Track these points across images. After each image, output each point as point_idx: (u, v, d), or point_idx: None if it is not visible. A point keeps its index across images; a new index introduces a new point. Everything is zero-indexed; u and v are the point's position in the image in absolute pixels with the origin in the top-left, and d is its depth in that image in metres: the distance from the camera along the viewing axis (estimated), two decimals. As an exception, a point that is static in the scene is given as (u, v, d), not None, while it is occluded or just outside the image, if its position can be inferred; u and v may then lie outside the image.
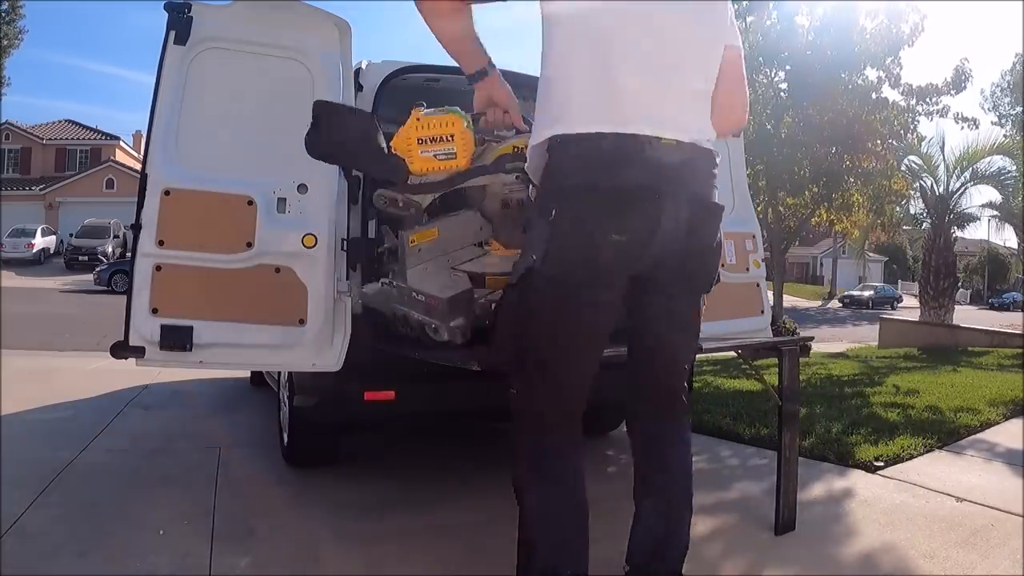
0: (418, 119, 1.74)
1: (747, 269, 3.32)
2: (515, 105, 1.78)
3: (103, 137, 33.37)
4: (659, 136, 1.42)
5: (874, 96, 8.29)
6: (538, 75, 1.55)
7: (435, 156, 1.72)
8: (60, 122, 34.37)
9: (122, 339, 2.29)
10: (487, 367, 1.71)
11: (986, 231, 20.33)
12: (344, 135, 1.89)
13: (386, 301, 1.98)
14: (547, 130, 1.48)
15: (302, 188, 2.40)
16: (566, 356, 1.55)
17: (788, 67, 8.41)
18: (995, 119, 25.48)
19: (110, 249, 23.55)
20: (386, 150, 1.81)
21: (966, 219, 13.31)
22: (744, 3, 8.20)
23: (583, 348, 1.56)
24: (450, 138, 1.71)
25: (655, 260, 1.50)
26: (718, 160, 1.56)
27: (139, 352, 2.29)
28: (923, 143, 11.50)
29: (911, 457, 3.37)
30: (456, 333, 1.75)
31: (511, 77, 3.32)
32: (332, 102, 2.06)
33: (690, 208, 1.48)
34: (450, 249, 1.99)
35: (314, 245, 2.38)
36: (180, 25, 2.34)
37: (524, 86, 3.42)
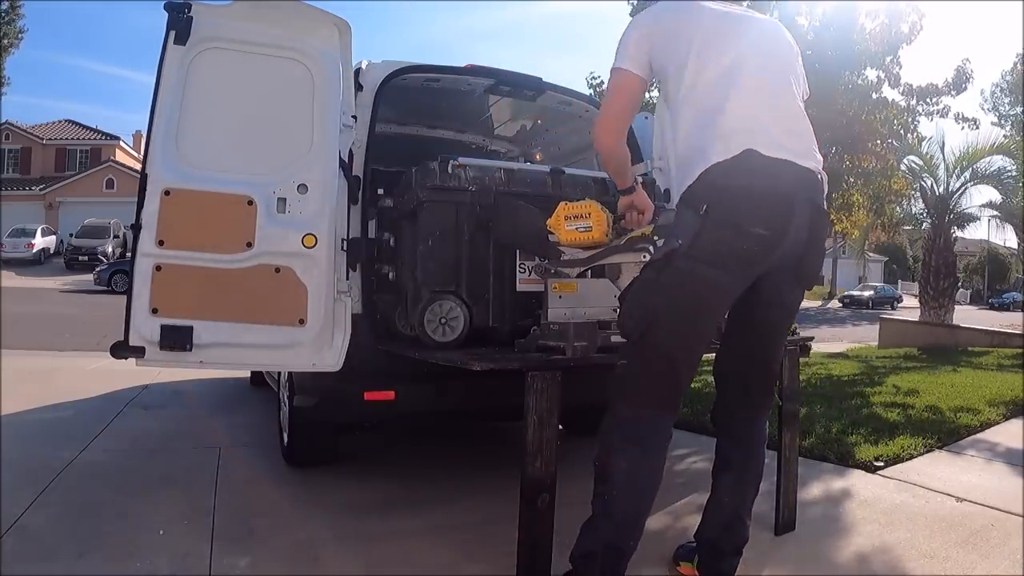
0: (565, 205, 2.26)
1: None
2: (651, 208, 2.19)
3: (103, 137, 33.34)
4: (793, 160, 1.74)
5: (874, 96, 8.27)
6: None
7: (576, 229, 2.21)
8: (60, 122, 34.34)
9: (122, 339, 2.29)
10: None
11: (986, 231, 20.31)
12: (519, 225, 2.48)
13: (533, 340, 2.32)
14: (708, 160, 1.72)
15: (302, 188, 2.40)
16: (686, 334, 1.72)
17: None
18: (995, 119, 25.45)
19: (110, 249, 23.52)
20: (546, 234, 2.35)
21: (966, 219, 13.26)
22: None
23: (703, 330, 1.75)
24: (587, 215, 2.20)
25: (780, 257, 1.72)
26: (825, 181, 1.87)
27: (139, 352, 2.29)
28: (923, 143, 11.48)
29: (911, 457, 3.37)
30: (577, 351, 2.06)
31: (510, 76, 3.37)
32: (514, 201, 2.54)
33: (811, 213, 1.75)
34: (586, 304, 2.35)
35: (314, 245, 2.38)
36: (180, 25, 2.34)
37: (523, 84, 3.46)
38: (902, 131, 8.84)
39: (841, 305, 32.14)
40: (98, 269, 19.30)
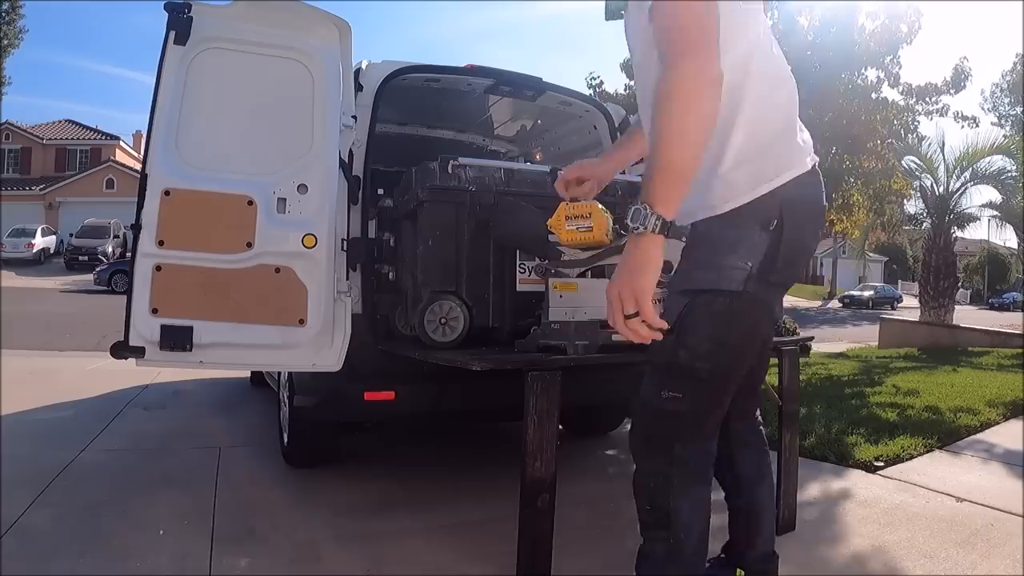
0: (566, 205, 2.26)
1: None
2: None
3: (103, 137, 33.34)
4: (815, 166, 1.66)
5: (874, 96, 8.29)
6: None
7: (577, 229, 2.20)
8: (60, 122, 34.35)
9: (122, 339, 2.29)
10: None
11: (986, 231, 20.25)
12: (520, 226, 2.47)
13: (534, 340, 2.33)
14: (790, 170, 1.56)
15: (302, 188, 2.40)
16: (747, 361, 1.64)
17: (788, 67, 8.39)
18: (995, 119, 25.46)
19: (110, 249, 23.53)
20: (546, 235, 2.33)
21: (966, 219, 13.25)
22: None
23: (753, 355, 1.67)
24: (588, 216, 2.19)
25: None
26: None
27: (139, 352, 2.30)
28: (923, 143, 11.49)
29: (911, 457, 3.37)
30: (580, 349, 2.07)
31: (510, 76, 3.37)
32: (515, 202, 2.51)
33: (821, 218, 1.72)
34: (587, 304, 2.36)
35: (314, 245, 2.38)
36: (180, 25, 2.34)
37: (523, 84, 3.46)
38: (902, 131, 8.85)
39: (841, 305, 32.11)
40: (98, 269, 19.30)
